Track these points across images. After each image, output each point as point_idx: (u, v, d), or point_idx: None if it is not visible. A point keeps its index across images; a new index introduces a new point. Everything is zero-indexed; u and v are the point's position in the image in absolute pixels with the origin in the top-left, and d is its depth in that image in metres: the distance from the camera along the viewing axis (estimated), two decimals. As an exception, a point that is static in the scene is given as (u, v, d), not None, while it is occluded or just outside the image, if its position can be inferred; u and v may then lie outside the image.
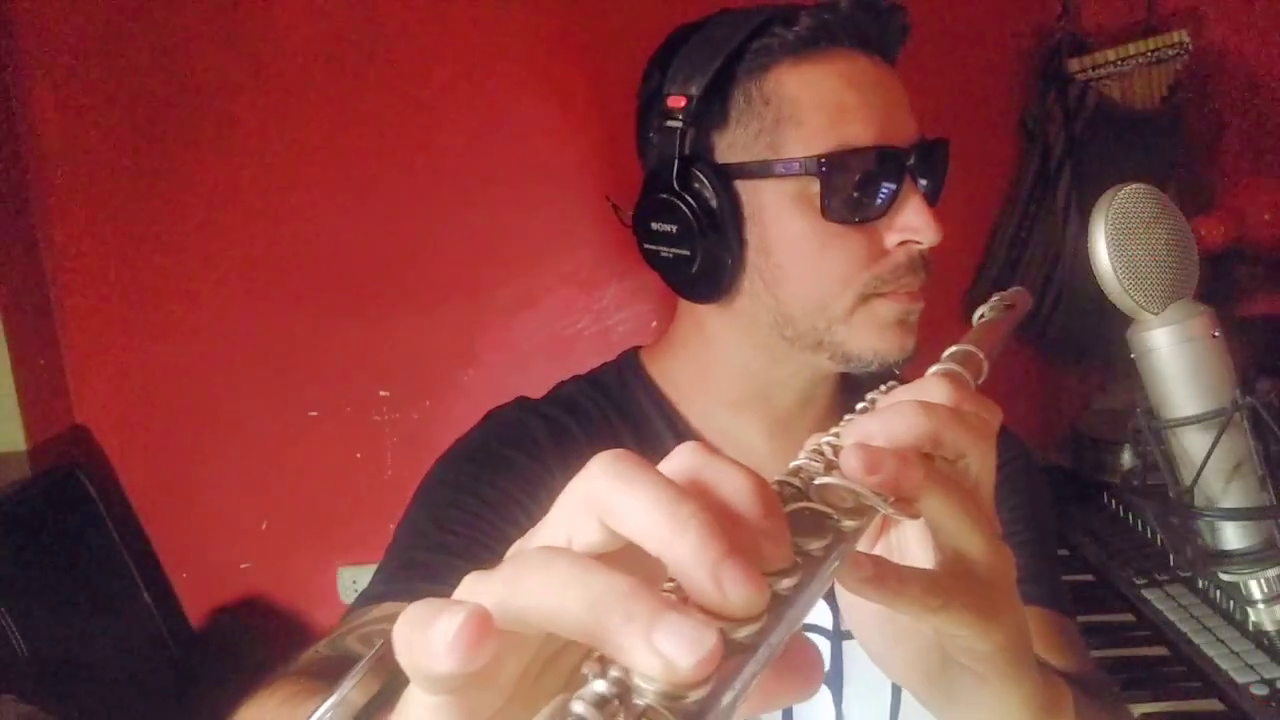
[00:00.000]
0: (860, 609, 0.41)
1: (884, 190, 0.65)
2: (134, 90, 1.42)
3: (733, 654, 0.24)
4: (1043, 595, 0.70)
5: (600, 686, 0.22)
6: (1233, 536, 0.60)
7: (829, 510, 0.30)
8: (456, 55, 1.44)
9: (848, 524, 0.30)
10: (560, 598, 0.23)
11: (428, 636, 0.22)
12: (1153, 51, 1.40)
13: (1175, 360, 0.59)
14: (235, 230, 1.46)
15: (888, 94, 0.67)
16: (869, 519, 0.31)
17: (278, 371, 1.49)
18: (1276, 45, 1.49)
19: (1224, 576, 0.63)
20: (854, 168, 0.64)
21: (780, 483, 0.31)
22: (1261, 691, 0.93)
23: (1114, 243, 0.58)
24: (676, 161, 0.66)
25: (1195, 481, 0.59)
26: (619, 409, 0.75)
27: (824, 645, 0.70)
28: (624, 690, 0.22)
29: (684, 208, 0.66)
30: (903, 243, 0.66)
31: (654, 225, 0.69)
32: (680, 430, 0.74)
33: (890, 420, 0.36)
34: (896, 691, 0.70)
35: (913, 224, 0.66)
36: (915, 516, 0.35)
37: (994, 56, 1.48)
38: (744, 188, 0.67)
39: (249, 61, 1.42)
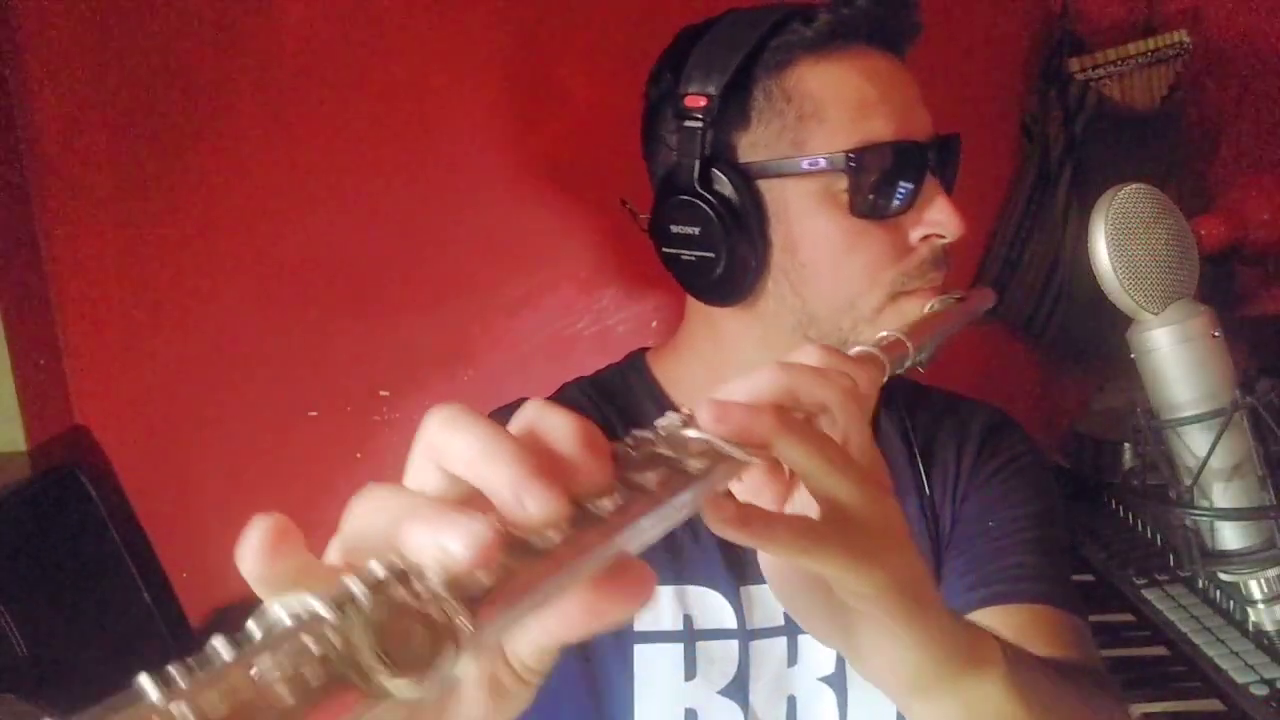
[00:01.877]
0: (768, 561, 0.45)
1: (908, 185, 0.66)
2: (134, 90, 1.42)
3: (533, 560, 0.26)
4: (1043, 592, 0.70)
5: (378, 570, 0.24)
6: (1232, 536, 0.60)
7: (671, 454, 0.33)
8: (456, 55, 1.44)
9: (693, 464, 0.33)
10: (371, 517, 0.29)
11: (243, 542, 0.27)
12: (1153, 51, 1.40)
13: (1175, 360, 0.60)
14: (235, 230, 1.46)
15: (905, 90, 0.68)
16: (719, 464, 0.34)
17: (278, 371, 1.49)
18: (1276, 46, 1.49)
19: (1224, 576, 0.63)
20: (880, 163, 0.65)
21: (635, 436, 0.34)
22: (1261, 691, 0.93)
23: (1114, 243, 0.59)
24: (698, 163, 0.66)
25: (1195, 481, 0.60)
26: (620, 410, 0.75)
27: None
28: (402, 574, 0.24)
29: (707, 209, 0.66)
30: (925, 237, 0.67)
31: (674, 228, 0.68)
32: None
33: (748, 378, 0.40)
34: None
35: (937, 218, 0.67)
36: (765, 460, 0.37)
37: (994, 56, 1.48)
38: (767, 187, 0.67)
39: (249, 61, 1.42)
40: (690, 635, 0.70)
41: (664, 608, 0.71)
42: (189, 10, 1.40)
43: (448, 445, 0.29)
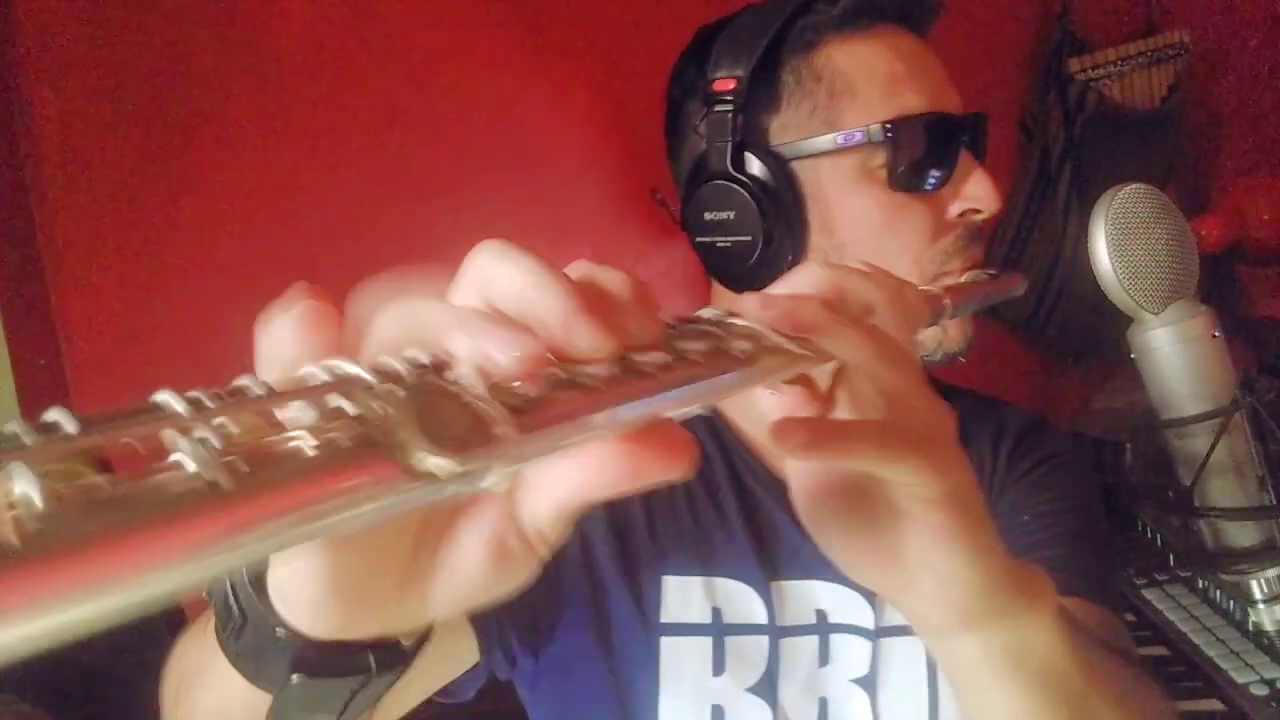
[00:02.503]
0: (800, 482, 0.41)
1: (945, 158, 0.66)
2: (134, 90, 1.42)
3: (574, 394, 0.25)
4: (1073, 584, 0.67)
5: (421, 356, 0.23)
6: (1233, 536, 0.60)
7: (719, 332, 0.32)
8: (458, 53, 1.44)
9: (739, 346, 0.31)
10: (405, 323, 0.27)
11: (268, 324, 0.29)
12: (1153, 51, 1.40)
13: (1175, 360, 0.60)
14: (235, 230, 1.46)
15: (934, 66, 0.68)
16: (765, 352, 0.32)
17: (278, 371, 1.49)
18: (1276, 45, 1.49)
19: (1224, 576, 0.63)
20: (916, 135, 0.64)
21: (680, 317, 0.32)
22: (1261, 691, 0.93)
23: (1114, 243, 0.59)
24: (730, 146, 0.65)
25: (1195, 481, 0.60)
26: None
27: (863, 646, 0.69)
28: (445, 366, 0.23)
29: (742, 191, 0.65)
30: (963, 213, 0.67)
31: (708, 215, 0.68)
32: (713, 419, 0.74)
33: (793, 275, 0.38)
34: (934, 692, 0.69)
35: (976, 192, 0.66)
36: (825, 356, 0.35)
37: (994, 56, 1.48)
38: (801, 168, 0.66)
39: (249, 60, 1.42)
40: (719, 629, 0.69)
41: (692, 599, 0.69)
42: (189, 9, 1.40)
43: (498, 274, 0.28)
